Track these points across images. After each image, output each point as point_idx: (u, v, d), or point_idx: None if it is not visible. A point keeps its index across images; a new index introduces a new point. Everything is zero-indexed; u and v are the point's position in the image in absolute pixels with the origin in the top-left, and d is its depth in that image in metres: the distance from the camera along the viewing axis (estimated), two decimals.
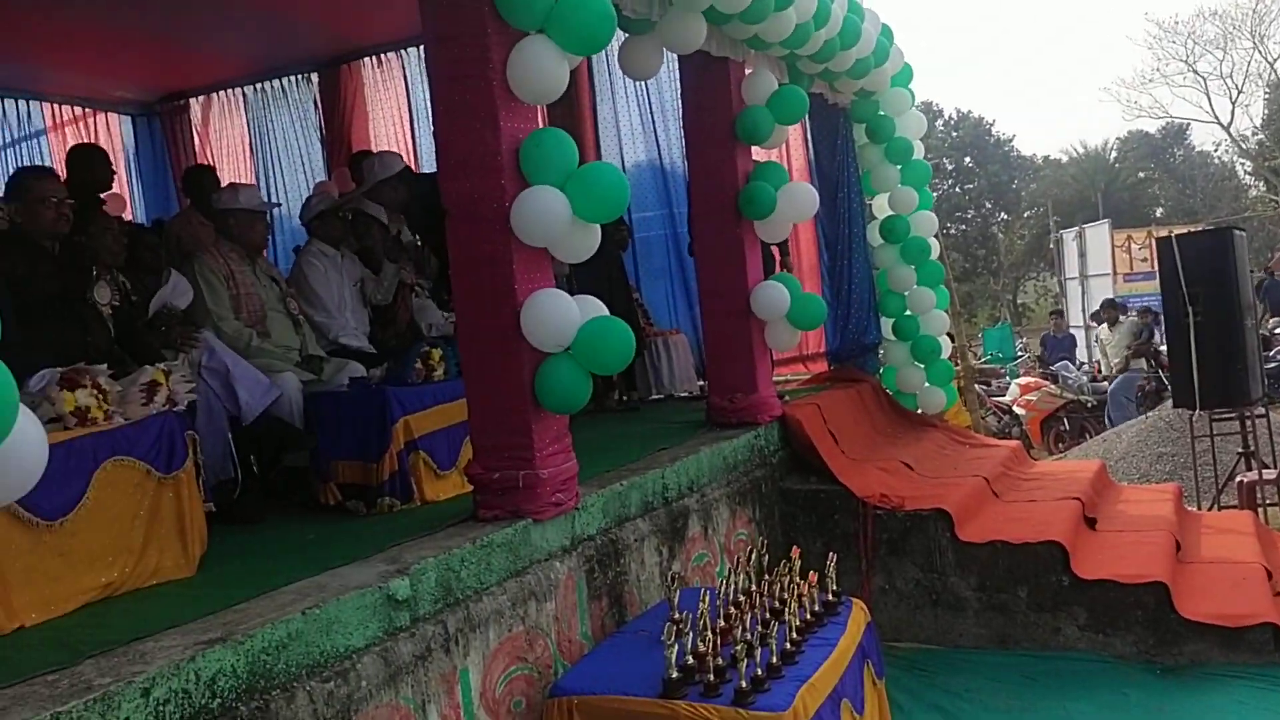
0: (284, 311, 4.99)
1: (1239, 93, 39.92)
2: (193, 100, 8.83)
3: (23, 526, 2.89)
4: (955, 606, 5.31)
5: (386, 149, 7.55)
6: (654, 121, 8.46)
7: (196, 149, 8.84)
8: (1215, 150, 44.18)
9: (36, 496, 2.66)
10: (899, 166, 7.71)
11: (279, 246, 7.75)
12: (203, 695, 2.43)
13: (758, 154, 6.15)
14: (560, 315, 3.60)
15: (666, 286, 8.12)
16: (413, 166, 8.37)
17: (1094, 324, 16.79)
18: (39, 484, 2.19)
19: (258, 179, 8.55)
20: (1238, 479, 8.00)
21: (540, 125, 3.85)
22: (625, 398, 7.35)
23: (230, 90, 8.69)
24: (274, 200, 8.14)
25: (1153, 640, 4.95)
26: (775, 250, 7.31)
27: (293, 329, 4.97)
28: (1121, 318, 14.10)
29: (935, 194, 8.22)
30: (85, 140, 8.04)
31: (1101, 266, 24.79)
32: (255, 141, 8.72)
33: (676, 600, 3.52)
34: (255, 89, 8.64)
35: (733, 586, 3.71)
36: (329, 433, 4.36)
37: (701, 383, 7.45)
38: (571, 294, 3.76)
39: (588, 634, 3.81)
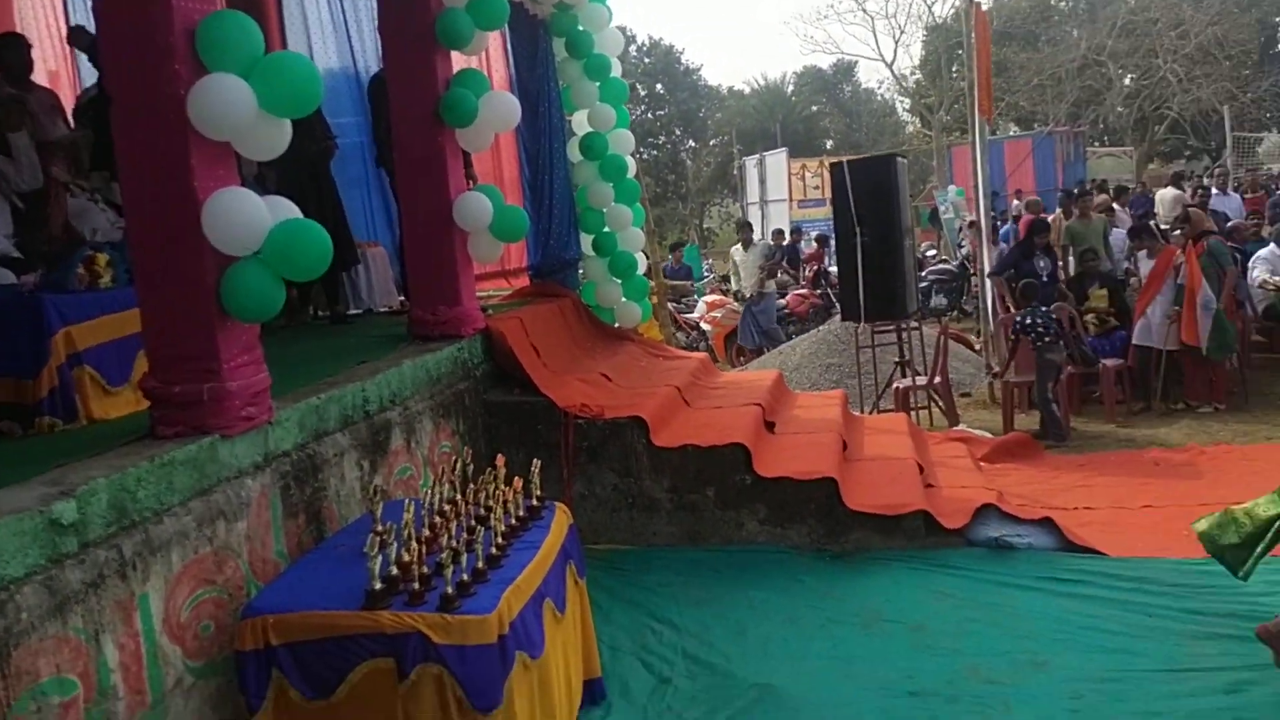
0: None
1: (901, 33, 43.64)
2: None
3: None
4: (650, 508, 5.56)
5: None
6: (346, 23, 8.04)
7: None
8: (879, 88, 48.11)
9: None
10: (597, 83, 7.75)
11: None
12: None
13: (457, 61, 5.98)
14: (247, 216, 3.34)
15: (363, 197, 7.80)
16: (64, 49, 7.50)
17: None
18: None
19: None
20: (894, 385, 8.89)
21: (220, 7, 3.51)
22: (327, 312, 7.03)
23: None
24: None
25: (823, 530, 5.43)
26: None
27: None
28: (754, 239, 14.75)
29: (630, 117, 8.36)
30: None
31: (779, 193, 26.42)
32: None
33: (379, 513, 3.43)
34: None
35: (437, 497, 3.68)
36: None
37: (402, 298, 7.27)
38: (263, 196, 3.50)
39: (283, 552, 3.64)
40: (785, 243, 17.59)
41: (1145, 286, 8.79)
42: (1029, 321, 8.12)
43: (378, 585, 3.05)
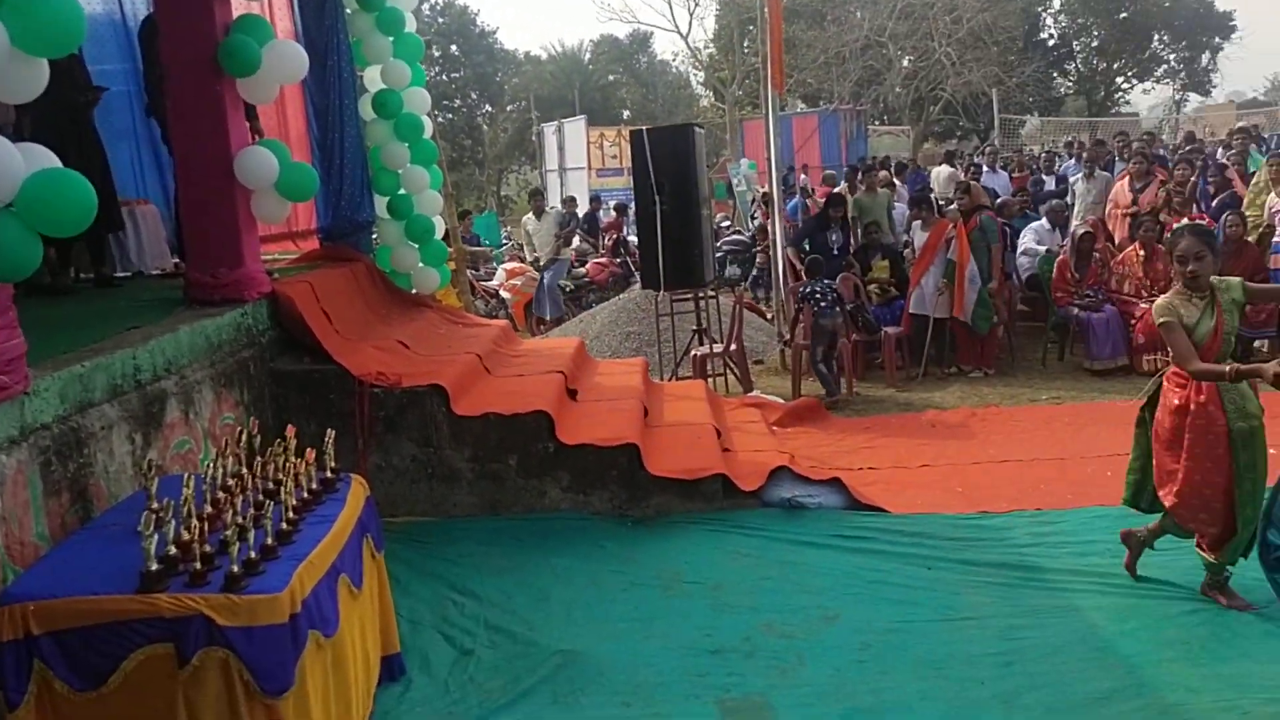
0: None
1: (696, 5, 44.31)
2: None
3: None
4: (450, 478, 5.44)
5: None
6: None
7: None
8: (674, 60, 48.83)
9: None
10: (391, 38, 7.43)
11: None
12: None
13: (237, 7, 5.60)
14: None
15: (132, 150, 7.22)
16: None
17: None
18: None
19: None
20: (692, 353, 9.05)
21: None
22: (92, 275, 6.46)
23: None
24: None
25: (625, 496, 5.47)
26: None
27: None
28: (547, 208, 14.81)
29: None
30: None
31: (578, 161, 26.39)
32: None
33: (155, 489, 3.18)
34: None
35: (220, 471, 3.45)
36: None
37: (177, 259, 6.79)
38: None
39: (45, 534, 3.33)
40: (580, 210, 17.60)
41: (919, 257, 9.28)
42: (808, 291, 8.54)
43: (154, 566, 2.83)
